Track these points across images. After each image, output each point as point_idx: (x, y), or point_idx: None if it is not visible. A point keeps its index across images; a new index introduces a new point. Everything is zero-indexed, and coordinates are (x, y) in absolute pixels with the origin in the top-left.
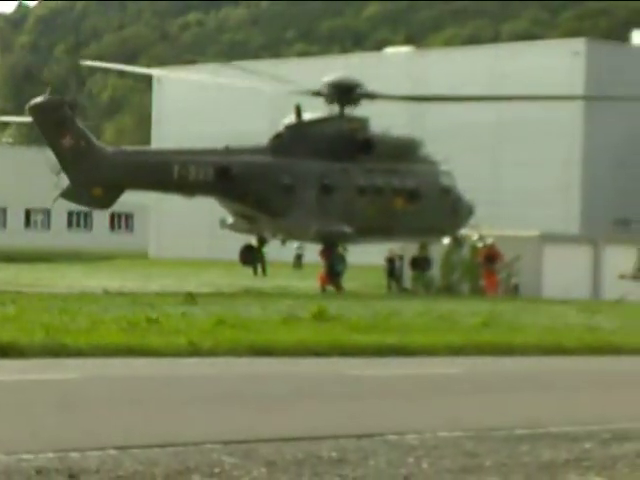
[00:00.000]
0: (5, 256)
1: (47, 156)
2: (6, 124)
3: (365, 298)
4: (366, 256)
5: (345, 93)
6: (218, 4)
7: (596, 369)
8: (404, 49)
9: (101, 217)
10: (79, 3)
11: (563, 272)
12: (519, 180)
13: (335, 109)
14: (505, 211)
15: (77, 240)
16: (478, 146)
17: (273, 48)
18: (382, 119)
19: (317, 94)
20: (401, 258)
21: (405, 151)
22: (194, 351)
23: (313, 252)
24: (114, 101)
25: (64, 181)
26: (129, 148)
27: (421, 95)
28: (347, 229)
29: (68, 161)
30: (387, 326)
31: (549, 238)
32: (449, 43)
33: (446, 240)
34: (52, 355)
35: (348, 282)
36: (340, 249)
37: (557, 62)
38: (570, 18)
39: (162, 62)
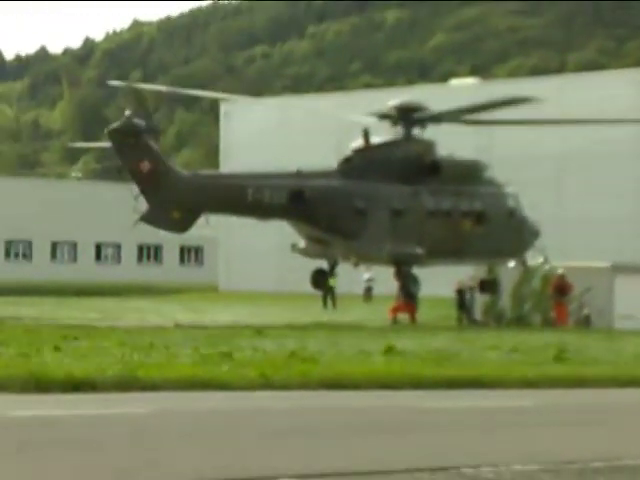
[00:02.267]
0: (76, 290)
1: (125, 187)
2: (75, 159)
3: (436, 330)
4: (436, 288)
5: (410, 115)
6: (283, 37)
7: None
8: (469, 80)
9: (171, 251)
10: (145, 37)
11: (635, 303)
12: (586, 211)
13: (400, 132)
14: (574, 243)
15: (147, 274)
16: (544, 177)
17: (338, 80)
18: (448, 150)
19: (383, 117)
20: (471, 289)
21: (471, 173)
22: (266, 384)
23: (383, 285)
24: (181, 135)
25: (142, 206)
26: (205, 172)
27: (486, 120)
28: (419, 251)
29: (146, 185)
30: (459, 359)
31: (620, 269)
32: (514, 74)
33: (512, 263)
34: (125, 389)
35: (418, 314)
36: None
37: (623, 92)
38: (636, 47)
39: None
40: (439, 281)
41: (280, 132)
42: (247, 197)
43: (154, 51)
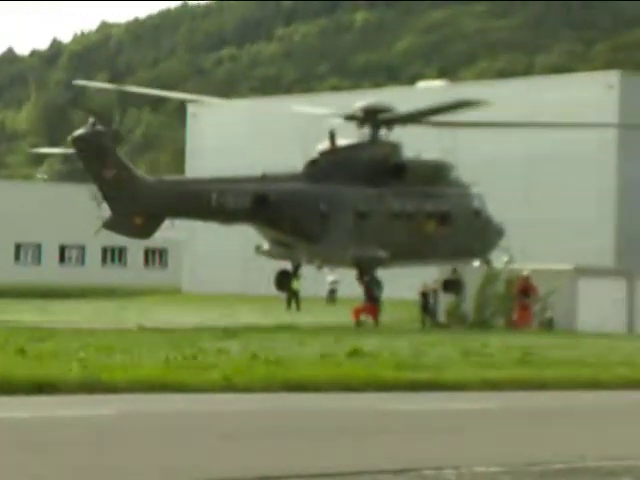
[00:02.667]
0: (40, 292)
1: (89, 189)
2: (40, 161)
3: (399, 333)
4: (400, 290)
5: (377, 117)
6: (252, 39)
7: (632, 403)
8: (437, 83)
9: (135, 253)
10: (113, 39)
11: (598, 306)
12: (552, 214)
13: (367, 134)
14: (538, 245)
15: (111, 276)
16: (510, 180)
17: (306, 82)
18: (415, 152)
19: (350, 118)
20: (435, 292)
21: (436, 174)
22: (229, 387)
23: (347, 287)
24: (147, 137)
25: (105, 212)
26: (169, 177)
27: (454, 121)
28: (382, 254)
29: (110, 191)
30: (421, 361)
31: (583, 271)
32: (482, 76)
33: (476, 263)
34: (88, 391)
35: (382, 317)
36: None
37: (590, 95)
38: (604, 50)
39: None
40: (403, 284)
41: (248, 134)
42: (211, 202)
43: (122, 53)
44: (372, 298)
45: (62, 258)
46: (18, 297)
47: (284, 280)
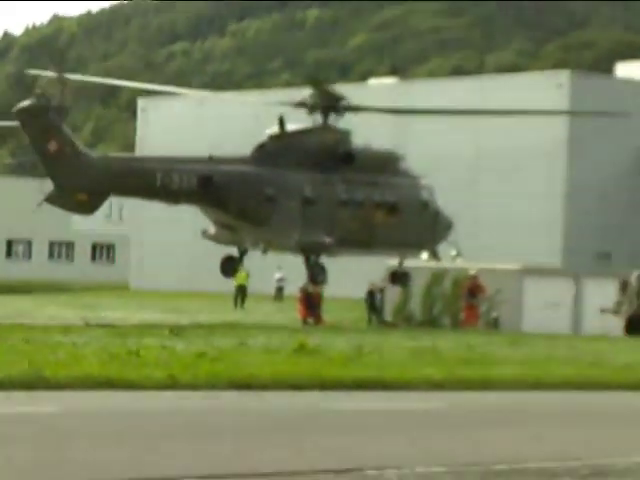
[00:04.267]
0: None
1: (39, 183)
2: None
3: (345, 331)
4: (347, 289)
5: (328, 104)
6: (204, 34)
7: (576, 404)
8: (388, 80)
9: (82, 248)
10: (65, 32)
11: (543, 304)
12: (500, 213)
13: (317, 121)
14: (486, 244)
15: (58, 271)
16: (458, 178)
17: (258, 78)
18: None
19: (301, 105)
20: (382, 291)
21: (386, 164)
22: (173, 384)
23: (294, 285)
24: (97, 131)
25: (48, 187)
26: (114, 155)
27: (404, 108)
28: (328, 239)
29: (53, 166)
30: (367, 360)
31: (530, 271)
32: (434, 74)
33: (424, 255)
34: (30, 388)
35: (328, 315)
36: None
37: (541, 94)
38: (555, 50)
39: (147, 92)
40: (350, 282)
41: (197, 128)
42: (156, 181)
43: (74, 47)
44: (316, 283)
45: (9, 252)
46: None
47: (229, 266)
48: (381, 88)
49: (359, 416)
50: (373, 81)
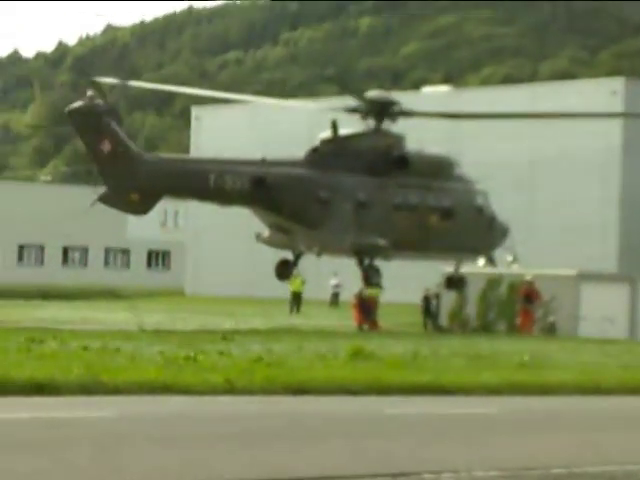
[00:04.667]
0: (43, 293)
1: (94, 191)
2: (45, 162)
3: (401, 336)
4: (402, 294)
5: (381, 109)
6: (257, 43)
7: (633, 408)
8: (442, 88)
9: (138, 255)
10: (118, 42)
11: (600, 311)
12: (555, 218)
13: (370, 126)
14: (542, 249)
15: (114, 278)
16: (514, 184)
17: (311, 87)
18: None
19: (354, 110)
20: (437, 296)
21: (440, 169)
22: (230, 389)
23: (350, 291)
24: (152, 140)
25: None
26: (167, 155)
27: (459, 112)
28: (382, 242)
29: (106, 166)
30: (423, 365)
31: (586, 277)
32: (487, 82)
33: (480, 261)
34: (89, 393)
35: (384, 320)
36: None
37: (595, 101)
38: (608, 57)
39: (201, 100)
40: (406, 288)
41: (251, 137)
42: (209, 183)
43: (127, 56)
44: (371, 285)
45: (65, 259)
46: (20, 297)
47: (285, 269)
48: (434, 96)
49: (416, 420)
50: (426, 89)
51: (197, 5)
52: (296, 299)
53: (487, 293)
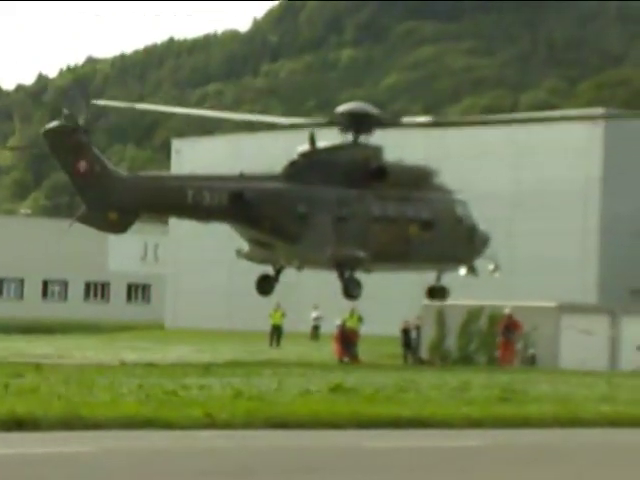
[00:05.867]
0: (22, 327)
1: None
2: (25, 195)
3: (381, 369)
4: (382, 326)
5: (359, 121)
6: (237, 74)
7: (614, 441)
8: (422, 119)
9: (118, 288)
10: (99, 74)
11: (580, 343)
12: (535, 250)
13: (348, 139)
14: (521, 281)
15: (94, 311)
16: (494, 215)
17: (291, 118)
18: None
19: (331, 124)
20: (417, 328)
21: (419, 179)
22: (211, 423)
23: (330, 324)
24: (132, 172)
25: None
26: (144, 173)
27: (438, 121)
28: (362, 254)
29: (83, 185)
30: (403, 398)
31: (566, 308)
32: (467, 113)
33: (462, 270)
34: (69, 428)
35: (364, 353)
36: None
37: (575, 131)
38: (589, 88)
39: (181, 133)
40: (385, 320)
41: (232, 168)
42: (187, 198)
43: (108, 88)
44: (351, 297)
45: (45, 293)
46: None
47: (266, 285)
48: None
49: (397, 454)
50: (406, 120)
51: (178, 37)
52: (276, 332)
53: (467, 325)
